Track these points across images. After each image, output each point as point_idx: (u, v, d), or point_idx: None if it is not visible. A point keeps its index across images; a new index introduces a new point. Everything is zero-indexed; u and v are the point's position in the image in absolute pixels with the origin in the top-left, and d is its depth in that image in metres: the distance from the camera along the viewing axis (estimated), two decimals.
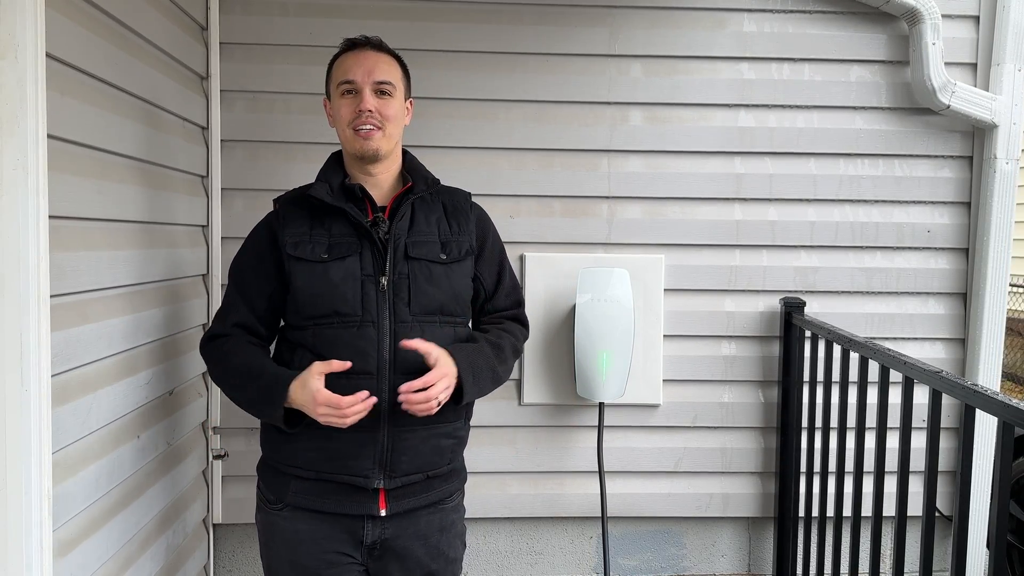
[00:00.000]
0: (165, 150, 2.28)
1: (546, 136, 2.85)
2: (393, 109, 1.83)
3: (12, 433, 1.46)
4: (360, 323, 1.76)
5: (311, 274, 1.78)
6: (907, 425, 1.98)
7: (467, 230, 1.92)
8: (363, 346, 1.76)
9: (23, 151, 1.45)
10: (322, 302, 1.77)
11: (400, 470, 1.80)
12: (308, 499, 1.81)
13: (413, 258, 1.81)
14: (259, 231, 1.90)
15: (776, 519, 2.96)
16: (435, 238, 1.86)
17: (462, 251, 1.89)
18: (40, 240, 1.49)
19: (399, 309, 1.78)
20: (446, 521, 1.91)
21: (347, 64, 1.83)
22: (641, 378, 2.87)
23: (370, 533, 1.81)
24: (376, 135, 1.81)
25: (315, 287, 1.77)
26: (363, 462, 1.77)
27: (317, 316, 1.78)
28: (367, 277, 1.78)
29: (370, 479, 1.78)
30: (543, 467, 2.91)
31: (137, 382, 2.05)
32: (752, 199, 2.92)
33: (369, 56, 1.83)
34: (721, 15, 2.87)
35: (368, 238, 1.80)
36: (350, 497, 1.79)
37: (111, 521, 1.90)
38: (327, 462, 1.78)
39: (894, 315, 2.98)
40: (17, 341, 1.46)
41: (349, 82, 1.81)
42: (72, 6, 1.73)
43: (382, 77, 1.82)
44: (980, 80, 2.91)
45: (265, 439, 1.89)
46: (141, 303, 2.09)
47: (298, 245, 1.80)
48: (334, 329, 1.77)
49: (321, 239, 1.80)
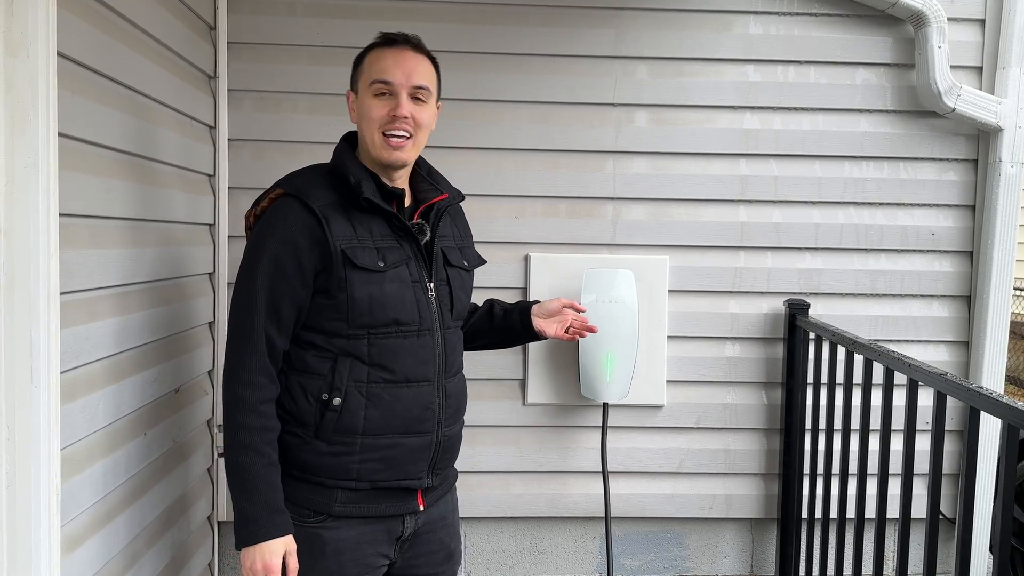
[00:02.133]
0: (173, 149, 2.29)
1: (551, 137, 2.86)
2: (427, 116, 1.75)
3: (21, 429, 1.47)
4: (419, 331, 1.74)
5: (369, 282, 1.68)
6: (911, 427, 1.99)
7: (468, 236, 2.01)
8: (425, 355, 1.75)
9: (34, 149, 1.46)
10: (382, 311, 1.69)
11: (442, 467, 1.84)
12: (357, 508, 1.75)
13: (452, 265, 1.84)
14: (290, 234, 1.66)
15: (779, 521, 2.96)
16: (455, 244, 1.89)
17: (475, 259, 1.97)
18: (50, 238, 1.50)
19: (444, 315, 1.80)
20: (454, 500, 1.98)
21: (385, 62, 1.72)
22: (645, 379, 2.88)
23: (408, 528, 1.81)
24: (407, 145, 1.73)
25: (374, 296, 1.69)
26: (420, 465, 1.78)
27: (375, 325, 1.70)
28: (416, 284, 1.74)
29: (422, 480, 1.79)
30: (547, 467, 2.92)
31: (144, 379, 2.06)
32: (757, 201, 2.92)
33: (408, 57, 1.73)
34: (727, 17, 2.87)
35: (412, 243, 1.76)
36: (397, 499, 1.79)
37: (118, 517, 1.91)
38: (387, 471, 1.74)
39: (898, 318, 2.98)
40: (27, 338, 1.47)
41: (386, 83, 1.70)
42: (82, 5, 1.74)
43: (421, 82, 1.72)
44: (985, 84, 2.91)
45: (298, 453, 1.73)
46: (149, 301, 2.10)
47: (356, 252, 1.68)
48: (395, 339, 1.72)
49: (367, 242, 1.70)
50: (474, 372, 2.48)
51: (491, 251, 2.61)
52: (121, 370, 1.93)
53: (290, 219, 1.68)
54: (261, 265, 1.67)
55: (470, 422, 2.79)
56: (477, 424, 2.86)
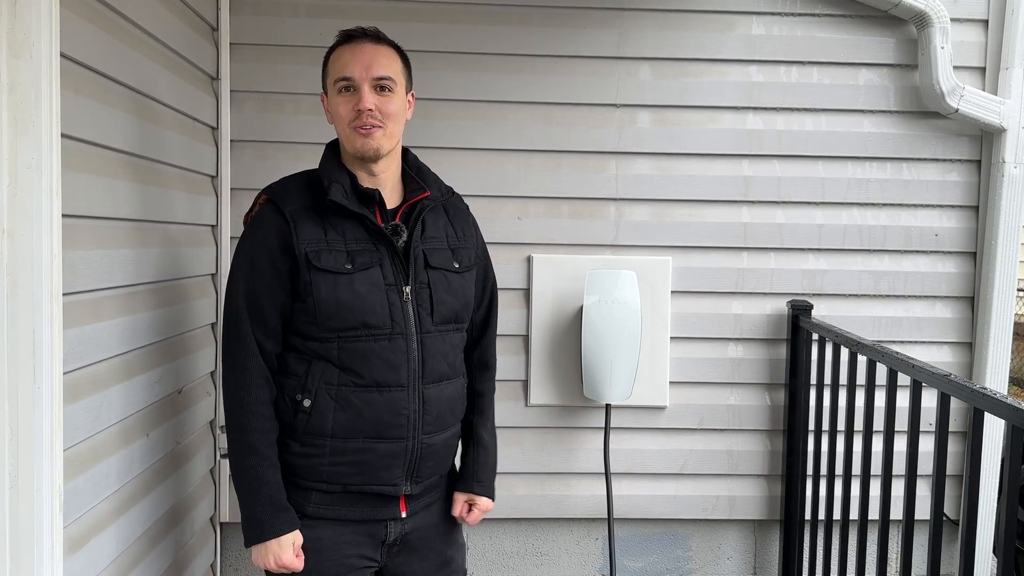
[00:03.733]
0: (175, 149, 2.29)
1: (554, 138, 2.85)
2: (394, 106, 1.74)
3: (25, 430, 1.47)
4: (390, 335, 1.73)
5: (335, 285, 1.69)
6: (915, 428, 1.98)
7: (470, 236, 1.92)
8: (396, 359, 1.73)
9: (37, 150, 1.46)
10: (349, 314, 1.69)
11: (424, 475, 1.82)
12: (331, 510, 1.78)
13: (433, 267, 1.79)
14: (264, 240, 1.73)
15: (782, 522, 2.96)
16: (445, 245, 1.84)
17: (471, 259, 1.89)
18: (53, 239, 1.50)
19: (423, 319, 1.76)
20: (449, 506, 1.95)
21: (344, 59, 1.73)
22: (648, 380, 2.88)
23: (392, 533, 1.82)
24: (377, 133, 1.71)
25: (340, 299, 1.69)
26: (394, 471, 1.77)
27: (343, 329, 1.70)
28: (390, 287, 1.73)
29: (398, 487, 1.79)
30: (549, 468, 2.92)
31: (147, 380, 2.06)
32: (760, 202, 2.92)
33: (367, 50, 1.73)
34: (730, 18, 2.87)
35: (388, 246, 1.74)
36: (375, 504, 1.79)
37: (121, 518, 1.91)
38: (358, 475, 1.75)
39: (901, 319, 2.98)
40: (30, 339, 1.47)
41: (347, 79, 1.71)
42: (86, 5, 1.74)
43: (381, 72, 1.72)
44: (988, 84, 2.91)
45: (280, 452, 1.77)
46: (152, 302, 2.10)
47: (320, 254, 1.69)
48: (363, 342, 1.71)
49: (338, 245, 1.71)
50: None
51: (494, 252, 2.57)
52: (124, 371, 1.93)
53: (264, 224, 1.74)
54: (242, 270, 1.75)
55: None
56: None
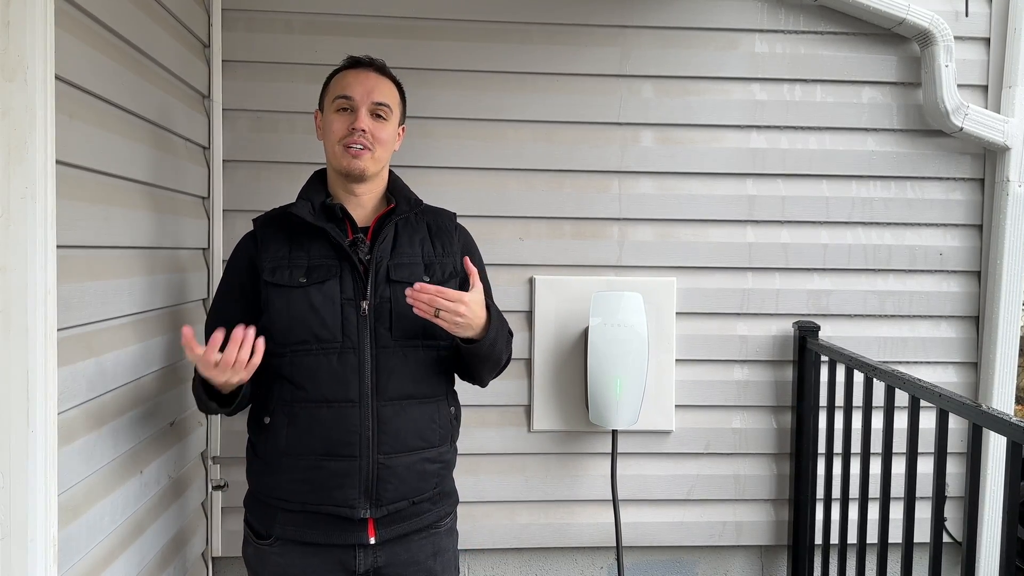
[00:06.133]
0: (168, 172, 2.19)
1: (556, 157, 2.79)
2: (386, 133, 1.81)
3: (18, 478, 1.37)
4: (340, 349, 1.72)
5: (288, 299, 1.73)
6: (942, 456, 1.94)
7: (451, 251, 1.88)
8: (346, 374, 1.71)
9: (31, 179, 1.37)
10: (300, 327, 1.72)
11: (386, 498, 1.75)
12: (296, 531, 1.76)
13: (395, 281, 1.76)
14: (237, 258, 1.85)
15: (790, 547, 2.90)
16: (419, 260, 1.82)
17: (446, 273, 1.84)
18: (48, 272, 1.41)
19: (380, 334, 1.74)
20: (439, 545, 1.86)
21: (347, 80, 1.81)
22: (653, 404, 2.81)
23: (363, 562, 1.75)
24: (365, 155, 1.77)
25: (292, 312, 1.72)
26: (348, 492, 1.72)
27: (294, 342, 1.72)
28: (347, 301, 1.73)
29: (356, 509, 1.73)
30: (553, 496, 2.84)
31: (140, 414, 1.96)
32: (764, 221, 2.87)
33: (371, 77, 1.82)
34: (733, 36, 2.83)
35: (348, 260, 1.75)
36: (338, 528, 1.75)
37: (115, 561, 1.81)
38: (311, 493, 1.73)
39: (906, 338, 2.94)
40: (23, 380, 1.37)
41: (346, 98, 1.78)
42: (79, 24, 1.65)
43: (380, 99, 1.80)
44: (992, 102, 2.89)
45: (249, 470, 1.87)
46: (145, 332, 2.00)
47: (276, 270, 1.76)
48: (313, 356, 1.72)
49: (300, 262, 1.76)
50: (478, 398, 2.42)
51: (494, 274, 2.52)
52: (118, 406, 1.83)
53: (238, 246, 1.88)
54: (220, 287, 1.90)
55: (474, 450, 2.75)
56: (481, 452, 2.78)
